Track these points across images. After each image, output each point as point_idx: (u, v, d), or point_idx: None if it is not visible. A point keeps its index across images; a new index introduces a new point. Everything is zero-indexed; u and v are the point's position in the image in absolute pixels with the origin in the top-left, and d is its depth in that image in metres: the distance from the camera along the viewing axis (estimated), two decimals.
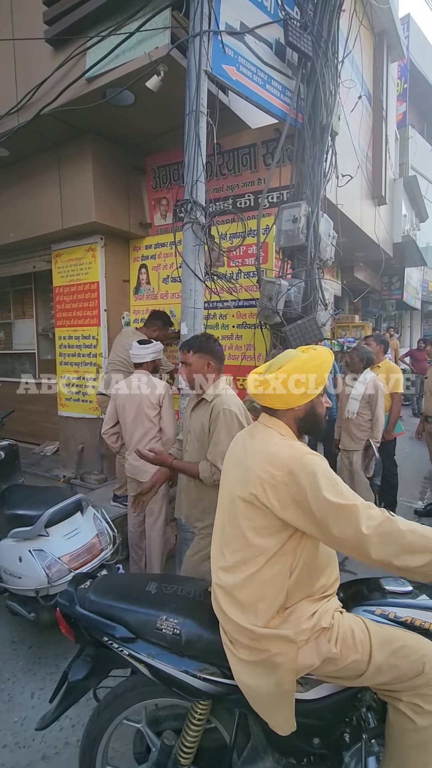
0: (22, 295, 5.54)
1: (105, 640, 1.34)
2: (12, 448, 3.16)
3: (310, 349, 1.39)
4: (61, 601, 1.43)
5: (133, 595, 1.41)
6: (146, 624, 1.32)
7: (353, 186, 4.82)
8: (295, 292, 2.92)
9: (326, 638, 1.23)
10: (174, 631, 1.29)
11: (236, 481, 1.33)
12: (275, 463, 1.23)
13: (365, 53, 5.70)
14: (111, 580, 1.56)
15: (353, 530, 1.13)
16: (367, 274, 9.08)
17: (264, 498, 1.22)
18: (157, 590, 1.43)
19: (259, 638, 1.21)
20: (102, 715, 1.46)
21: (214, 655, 1.28)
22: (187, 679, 1.26)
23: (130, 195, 4.02)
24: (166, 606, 1.36)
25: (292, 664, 1.20)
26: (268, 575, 1.24)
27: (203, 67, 2.49)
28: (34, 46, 3.23)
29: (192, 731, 1.34)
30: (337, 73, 3.10)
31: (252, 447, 1.35)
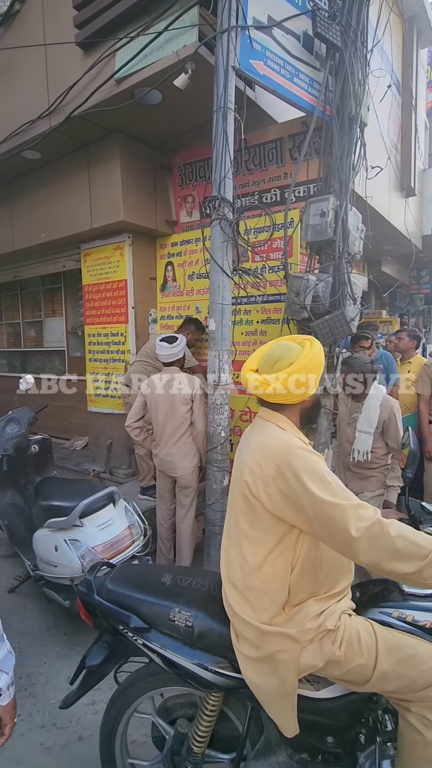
0: (52, 294, 5.70)
1: (120, 629, 1.38)
2: (45, 442, 3.28)
3: (305, 342, 1.35)
4: (80, 588, 1.47)
5: (148, 586, 1.44)
6: (159, 615, 1.34)
7: (381, 178, 4.71)
8: (323, 287, 2.89)
9: (330, 640, 1.21)
10: (186, 623, 1.31)
11: (235, 477, 1.33)
12: (266, 456, 1.21)
13: (394, 40, 5.55)
14: (128, 569, 1.59)
15: (342, 531, 1.10)
16: (395, 267, 8.87)
17: (255, 489, 1.21)
18: (172, 582, 1.45)
19: (263, 635, 1.21)
20: (117, 702, 1.50)
21: (226, 648, 1.29)
22: (198, 671, 1.29)
23: (157, 193, 4.07)
24: (180, 598, 1.38)
25: (294, 663, 1.19)
26: (269, 571, 1.23)
27: (231, 63, 2.49)
28: (65, 50, 3.31)
29: (205, 721, 1.36)
30: (366, 63, 3.04)
31: (250, 440, 1.34)
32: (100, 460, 4.51)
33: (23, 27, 3.75)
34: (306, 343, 1.34)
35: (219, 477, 2.78)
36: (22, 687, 2.21)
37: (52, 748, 1.90)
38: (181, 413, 2.87)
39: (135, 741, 1.61)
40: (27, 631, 2.61)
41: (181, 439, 2.90)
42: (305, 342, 1.35)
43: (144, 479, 3.58)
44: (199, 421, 2.91)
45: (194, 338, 3.63)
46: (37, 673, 2.30)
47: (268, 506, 1.19)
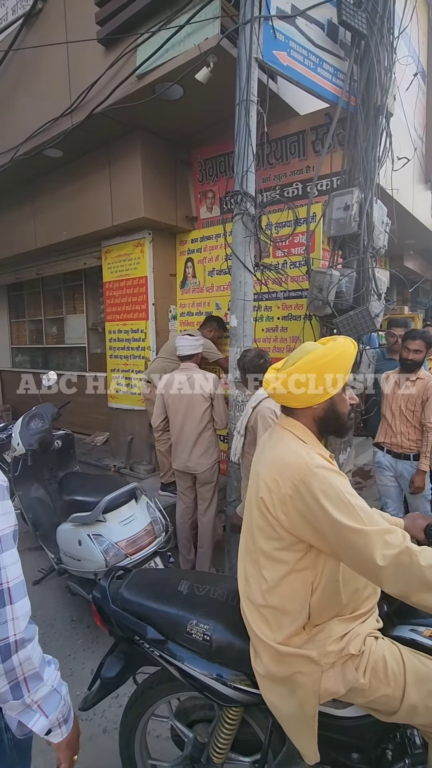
0: (73, 291, 5.76)
1: (136, 639, 1.34)
2: (68, 438, 3.33)
3: (329, 341, 1.25)
4: (95, 595, 1.44)
5: (165, 595, 1.40)
6: (176, 627, 1.30)
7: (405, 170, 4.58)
8: (347, 283, 2.84)
9: (354, 665, 1.13)
10: (204, 637, 1.27)
11: (251, 490, 1.27)
12: (282, 473, 1.13)
13: (420, 26, 5.38)
14: (143, 576, 1.55)
15: (366, 558, 1.02)
16: (418, 262, 8.66)
17: (272, 507, 1.13)
18: (189, 590, 1.40)
19: (281, 656, 1.15)
20: (135, 706, 1.49)
21: (245, 663, 1.24)
22: (217, 686, 1.24)
23: (177, 189, 4.06)
24: (197, 609, 1.33)
25: (314, 687, 1.12)
26: (288, 590, 1.15)
27: (254, 55, 2.46)
28: (87, 48, 3.32)
29: (225, 733, 1.33)
30: (392, 50, 2.96)
31: (266, 451, 1.26)
32: (120, 455, 4.56)
33: (45, 26, 3.77)
34: (328, 341, 1.25)
35: (239, 474, 2.77)
36: None
37: None
38: (199, 412, 2.88)
39: (159, 736, 1.61)
40: (51, 623, 2.66)
41: (201, 436, 2.91)
42: (328, 341, 1.26)
43: (165, 475, 3.60)
44: (220, 419, 2.93)
45: (216, 336, 3.62)
46: (61, 665, 2.33)
47: (287, 526, 1.12)
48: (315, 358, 1.18)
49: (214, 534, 3.00)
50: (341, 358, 1.19)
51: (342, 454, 3.18)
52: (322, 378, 1.17)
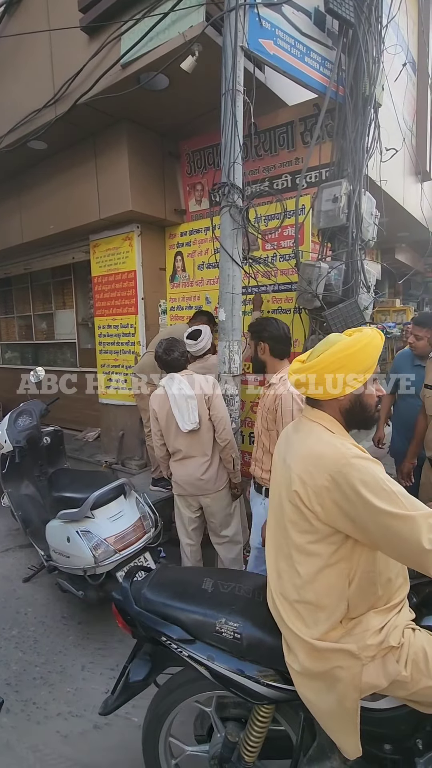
0: (62, 286, 5.70)
1: (163, 640, 1.32)
2: (57, 434, 3.30)
3: (355, 332, 1.23)
4: (116, 596, 1.42)
5: (190, 594, 1.38)
6: (204, 626, 1.29)
7: (395, 161, 4.56)
8: (336, 275, 2.82)
9: (395, 658, 1.12)
10: (234, 635, 1.26)
11: (281, 482, 1.24)
12: (318, 465, 1.12)
13: (410, 16, 5.33)
14: (165, 574, 1.51)
15: (412, 544, 1.01)
16: (410, 255, 8.67)
17: (307, 500, 1.12)
18: (214, 588, 1.38)
19: (318, 651, 1.13)
20: (159, 707, 1.46)
21: (277, 660, 1.23)
22: (248, 684, 1.23)
23: (165, 182, 4.01)
24: (225, 607, 1.32)
25: (355, 681, 1.11)
26: (324, 584, 1.14)
27: (239, 43, 2.41)
28: (69, 36, 3.24)
29: (256, 731, 1.32)
30: (381, 39, 2.92)
31: (294, 443, 1.24)
32: (112, 451, 4.54)
33: (27, 14, 3.69)
34: (354, 332, 1.23)
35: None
36: (38, 675, 2.25)
37: (68, 736, 1.93)
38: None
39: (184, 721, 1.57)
40: (42, 620, 2.65)
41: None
42: (354, 332, 1.24)
43: (156, 471, 3.58)
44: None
45: None
46: (52, 661, 2.33)
47: (323, 518, 1.11)
48: (340, 350, 1.17)
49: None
50: (367, 350, 1.18)
51: None
52: (348, 369, 1.17)
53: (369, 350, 1.18)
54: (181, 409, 2.34)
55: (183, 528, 2.58)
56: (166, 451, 2.55)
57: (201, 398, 2.37)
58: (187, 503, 2.54)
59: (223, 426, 2.41)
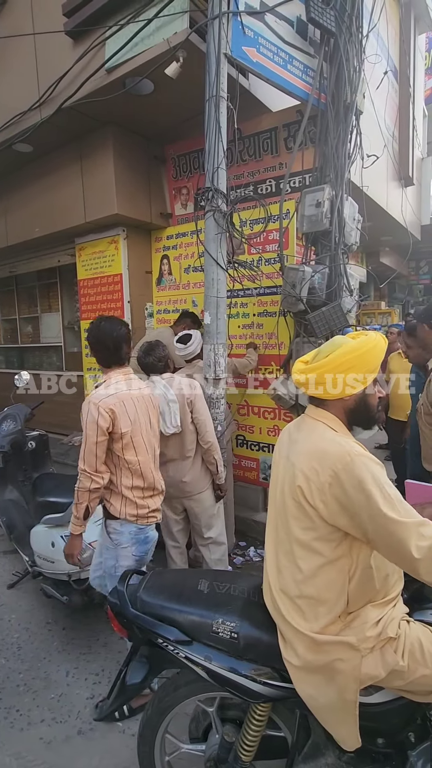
0: (48, 289, 5.66)
1: (159, 642, 1.32)
2: (42, 438, 3.27)
3: (359, 335, 1.27)
4: (111, 600, 1.41)
5: (186, 595, 1.38)
6: (201, 626, 1.29)
7: (378, 167, 4.66)
8: (319, 279, 2.86)
9: (392, 648, 1.16)
10: (231, 635, 1.26)
11: (283, 479, 1.26)
12: (321, 461, 1.14)
13: (391, 25, 5.46)
14: (160, 577, 1.51)
15: (402, 550, 1.06)
16: (394, 258, 8.82)
17: (310, 496, 1.14)
18: (210, 589, 1.39)
19: (318, 645, 1.15)
20: (156, 710, 1.46)
21: (275, 658, 1.24)
22: (246, 683, 1.24)
23: (151, 185, 4.03)
24: (221, 607, 1.33)
25: (355, 672, 1.13)
26: (325, 579, 1.17)
27: (223, 51, 2.44)
28: (54, 40, 3.25)
29: (253, 730, 1.32)
30: (361, 49, 2.99)
31: (297, 441, 1.27)
32: None
33: (11, 16, 3.69)
34: (359, 335, 1.26)
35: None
36: (21, 682, 2.22)
37: (52, 743, 1.91)
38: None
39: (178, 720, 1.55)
40: (26, 627, 2.62)
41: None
42: (359, 335, 1.27)
43: None
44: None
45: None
46: (36, 667, 2.31)
47: (324, 514, 1.13)
48: (348, 352, 1.20)
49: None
50: (374, 352, 1.22)
51: None
52: (355, 371, 1.20)
53: (376, 352, 1.23)
54: (163, 412, 2.34)
55: (167, 530, 2.58)
56: None
57: (182, 401, 2.37)
58: (170, 506, 2.54)
59: (206, 429, 2.42)
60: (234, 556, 3.28)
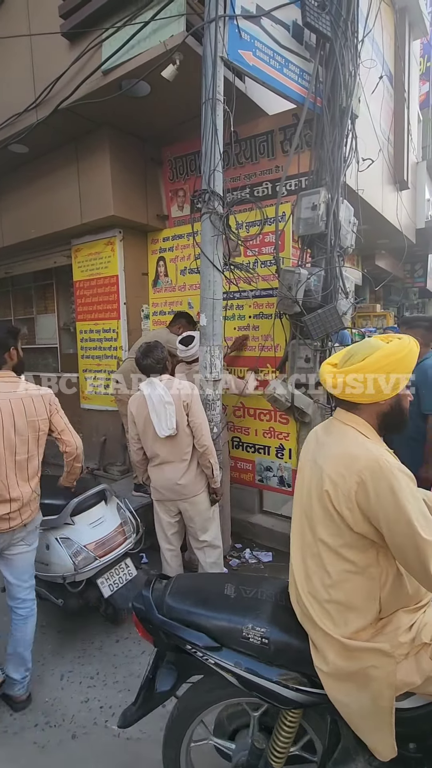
0: (44, 290, 5.63)
1: (188, 648, 1.31)
2: None
3: (391, 338, 1.25)
4: (137, 605, 1.39)
5: (213, 600, 1.36)
6: (231, 632, 1.28)
7: (374, 171, 4.69)
8: (315, 281, 2.88)
9: (428, 655, 1.13)
10: (262, 640, 1.25)
11: (310, 482, 1.25)
12: (350, 467, 1.12)
13: (386, 31, 5.50)
14: (185, 581, 1.50)
15: (421, 567, 1.05)
16: (389, 261, 8.87)
17: (337, 503, 1.13)
18: (236, 594, 1.37)
19: (350, 651, 1.13)
20: (180, 719, 1.44)
21: (306, 664, 1.22)
22: (278, 689, 1.22)
23: (148, 187, 4.03)
24: (250, 612, 1.31)
25: (390, 679, 1.11)
26: (354, 586, 1.15)
27: (219, 54, 2.45)
28: (51, 41, 3.25)
29: (284, 737, 1.31)
30: (356, 54, 3.01)
31: (325, 444, 1.25)
32: (94, 457, 4.49)
33: (8, 17, 3.68)
34: (393, 340, 1.23)
35: None
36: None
37: (46, 747, 1.90)
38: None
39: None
40: None
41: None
42: (392, 338, 1.25)
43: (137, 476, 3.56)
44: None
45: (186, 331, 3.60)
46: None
47: (350, 522, 1.12)
48: (388, 354, 1.18)
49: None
50: (411, 356, 1.21)
51: None
52: (396, 373, 1.19)
53: (413, 355, 1.22)
54: (159, 414, 2.34)
55: (162, 533, 2.58)
56: (143, 456, 2.54)
57: (179, 404, 2.37)
58: (165, 508, 2.53)
59: (202, 432, 2.42)
60: (230, 559, 3.27)
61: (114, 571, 2.46)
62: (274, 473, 3.47)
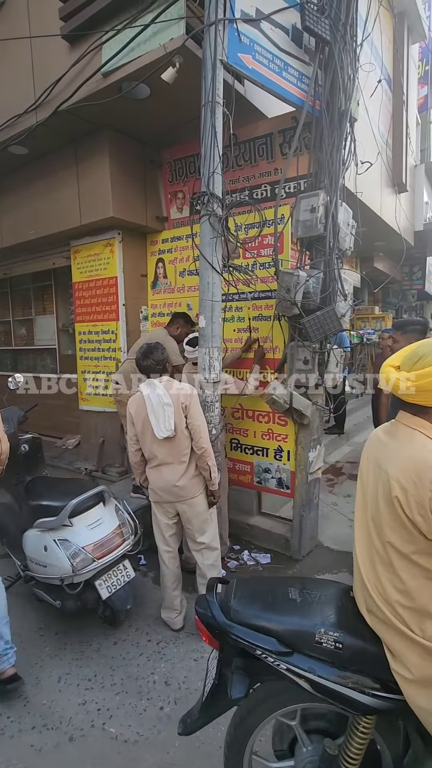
0: (43, 291, 5.64)
1: (258, 654, 1.28)
2: (35, 441, 3.24)
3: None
4: (200, 610, 1.38)
5: (280, 605, 1.35)
6: (303, 636, 1.25)
7: (372, 174, 4.71)
8: (314, 283, 2.88)
9: None
10: (336, 645, 1.23)
11: (375, 486, 1.23)
12: (422, 474, 1.09)
13: (385, 35, 5.53)
14: (247, 585, 1.47)
15: None
16: (388, 263, 8.90)
17: (408, 510, 1.10)
18: (302, 597, 1.36)
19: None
20: (244, 724, 1.42)
21: (379, 668, 1.20)
22: (353, 694, 1.20)
23: (147, 189, 4.03)
24: (319, 616, 1.30)
25: None
26: (429, 593, 1.12)
27: (219, 57, 2.46)
28: (51, 43, 3.26)
29: (357, 744, 1.28)
30: (355, 57, 3.02)
31: (389, 448, 1.22)
32: (92, 458, 4.49)
33: (8, 19, 3.69)
34: None
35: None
36: (12, 687, 2.19)
37: (42, 750, 1.89)
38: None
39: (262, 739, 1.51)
40: (18, 632, 2.58)
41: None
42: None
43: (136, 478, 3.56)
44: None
45: (184, 332, 3.59)
46: (27, 673, 2.28)
47: (424, 529, 1.09)
48: None
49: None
50: None
51: (312, 452, 3.23)
52: None
53: None
54: (158, 415, 2.33)
55: (160, 535, 2.58)
56: (141, 457, 2.54)
57: (178, 405, 2.37)
58: (163, 510, 2.53)
59: (200, 434, 2.41)
60: (228, 560, 3.27)
61: (112, 573, 2.45)
62: (273, 475, 3.47)
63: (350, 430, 6.50)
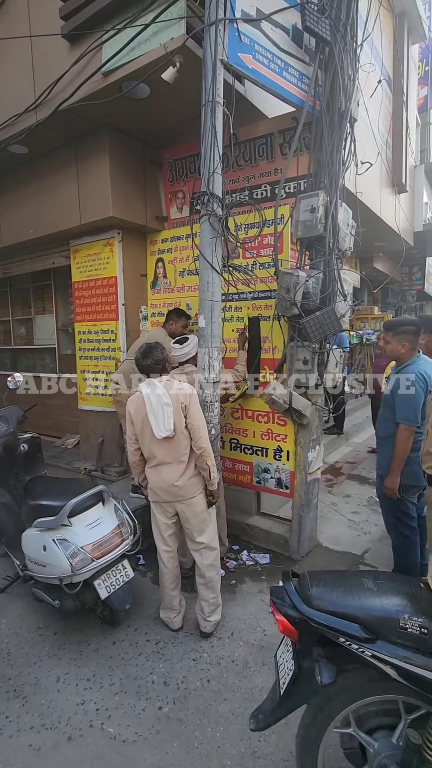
0: (42, 291, 5.64)
1: (341, 641, 1.28)
2: (35, 441, 3.25)
3: None
4: (276, 600, 1.37)
5: (359, 592, 1.34)
6: (387, 623, 1.25)
7: (372, 174, 4.71)
8: (314, 284, 2.88)
9: None
10: (421, 630, 1.22)
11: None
12: None
13: (385, 35, 5.54)
14: (321, 576, 1.47)
15: None
16: (387, 264, 8.91)
17: None
18: (377, 587, 1.35)
19: None
20: (318, 718, 1.41)
21: None
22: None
23: (147, 189, 4.03)
24: (400, 603, 1.30)
25: None
26: None
27: (219, 57, 2.46)
28: (51, 43, 3.26)
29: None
30: (356, 57, 3.02)
31: None
32: (91, 458, 4.49)
33: (8, 18, 3.69)
34: None
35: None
36: (10, 688, 2.19)
37: (41, 749, 1.89)
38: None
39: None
40: (16, 632, 2.59)
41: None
42: None
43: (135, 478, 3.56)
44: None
45: (180, 326, 3.58)
46: (26, 673, 2.28)
47: None
48: None
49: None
50: None
51: (311, 452, 3.23)
52: None
53: None
54: (157, 415, 2.33)
55: (159, 534, 2.57)
56: (140, 456, 2.53)
57: (177, 405, 2.36)
58: (162, 509, 2.53)
59: (199, 434, 2.40)
60: (227, 560, 3.27)
61: (111, 573, 2.45)
62: (272, 475, 3.47)
63: (349, 431, 6.50)
